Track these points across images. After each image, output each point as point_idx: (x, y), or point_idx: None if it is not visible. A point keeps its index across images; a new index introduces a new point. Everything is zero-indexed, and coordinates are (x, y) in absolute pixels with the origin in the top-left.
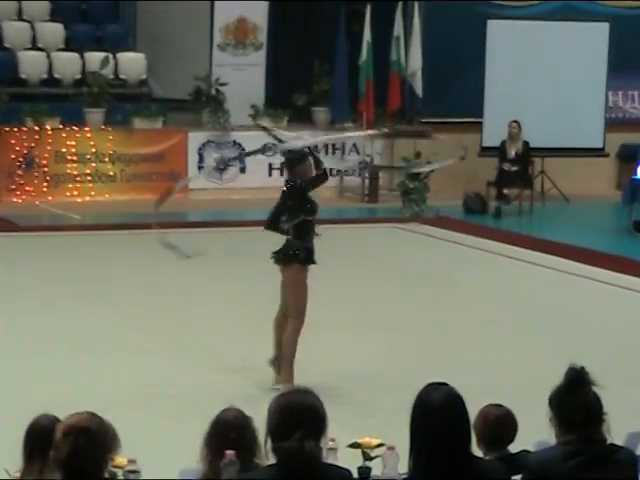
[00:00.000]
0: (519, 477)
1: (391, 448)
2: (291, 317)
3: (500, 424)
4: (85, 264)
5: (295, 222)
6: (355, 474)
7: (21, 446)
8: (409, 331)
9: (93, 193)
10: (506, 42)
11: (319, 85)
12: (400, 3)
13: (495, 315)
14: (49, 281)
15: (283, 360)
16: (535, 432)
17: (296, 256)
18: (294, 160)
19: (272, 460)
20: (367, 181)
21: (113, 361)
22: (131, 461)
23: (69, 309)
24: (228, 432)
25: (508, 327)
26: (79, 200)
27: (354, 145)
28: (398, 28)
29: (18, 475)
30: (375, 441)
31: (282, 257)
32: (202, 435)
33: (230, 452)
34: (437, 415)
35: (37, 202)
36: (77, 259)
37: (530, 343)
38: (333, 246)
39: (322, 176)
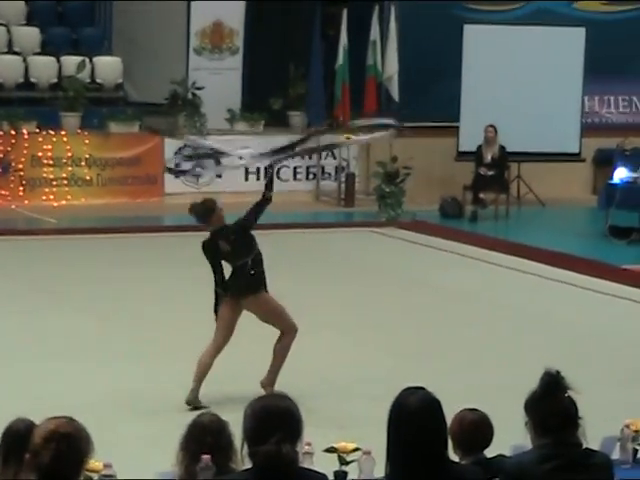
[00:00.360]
0: None
1: (367, 453)
2: (287, 333)
3: (476, 428)
4: (61, 268)
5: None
6: (331, 478)
7: None
8: (385, 334)
9: (69, 197)
10: (482, 47)
11: (295, 89)
12: (377, 6)
13: (471, 318)
14: (25, 285)
15: (274, 366)
16: (511, 436)
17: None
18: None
19: (248, 464)
20: (343, 185)
21: (90, 365)
22: (107, 465)
23: (45, 313)
24: (204, 436)
25: (484, 330)
26: (55, 204)
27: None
28: (374, 32)
29: None
30: (351, 445)
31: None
32: (178, 439)
33: (206, 456)
34: (414, 419)
35: (13, 206)
36: (53, 263)
37: (506, 347)
38: (309, 250)
39: (263, 201)
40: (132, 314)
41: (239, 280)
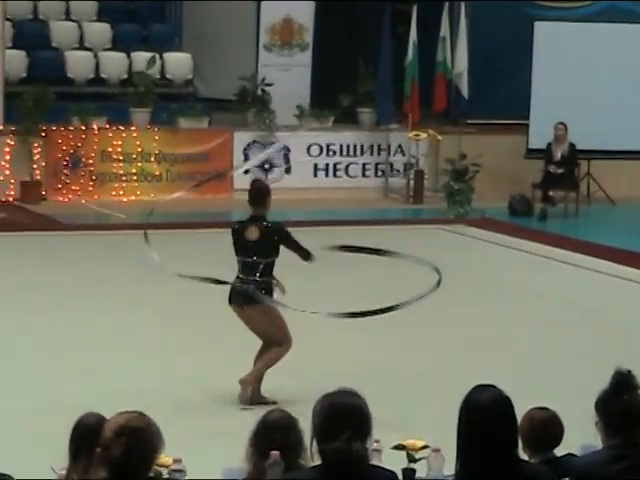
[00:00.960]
0: None
1: (436, 450)
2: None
3: (546, 427)
4: (129, 264)
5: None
6: (400, 476)
7: (67, 444)
8: (453, 331)
9: (138, 192)
10: (552, 44)
11: (364, 85)
12: (447, 4)
13: (539, 317)
14: (92, 280)
15: (260, 366)
16: (581, 435)
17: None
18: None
19: (317, 461)
20: (412, 182)
21: (147, 359)
22: (176, 460)
23: (110, 308)
24: (273, 433)
25: (553, 329)
26: (124, 199)
27: (400, 146)
28: (444, 29)
29: (64, 473)
30: (420, 443)
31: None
32: (238, 433)
33: (275, 453)
34: (485, 417)
35: (83, 201)
36: (122, 258)
37: (575, 346)
38: (377, 247)
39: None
40: (198, 312)
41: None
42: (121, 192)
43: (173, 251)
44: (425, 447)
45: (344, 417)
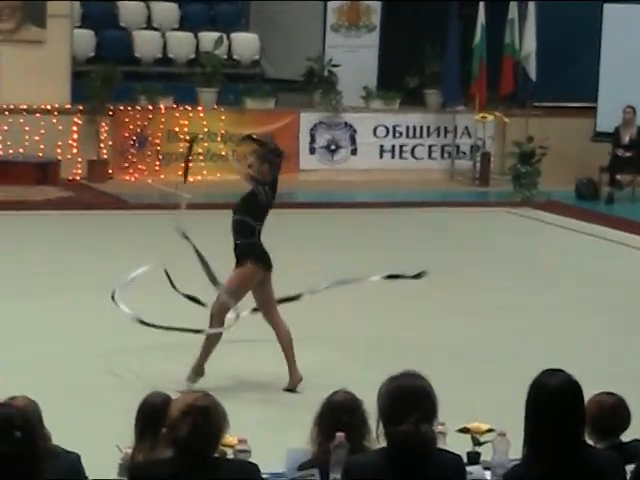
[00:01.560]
0: (632, 467)
1: (502, 434)
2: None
3: (614, 412)
4: (195, 243)
5: None
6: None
7: (133, 423)
8: (519, 315)
9: (204, 172)
10: (622, 26)
11: (431, 67)
12: None
13: (607, 302)
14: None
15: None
16: None
17: None
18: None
19: (382, 443)
20: (478, 164)
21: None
22: (241, 440)
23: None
24: (339, 414)
25: (620, 315)
26: (191, 179)
27: (466, 128)
28: (512, 11)
29: (129, 452)
30: (485, 426)
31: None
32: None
33: (340, 434)
34: (554, 401)
35: (149, 180)
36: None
37: None
38: (443, 229)
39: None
40: None
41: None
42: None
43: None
44: (490, 430)
45: (411, 400)
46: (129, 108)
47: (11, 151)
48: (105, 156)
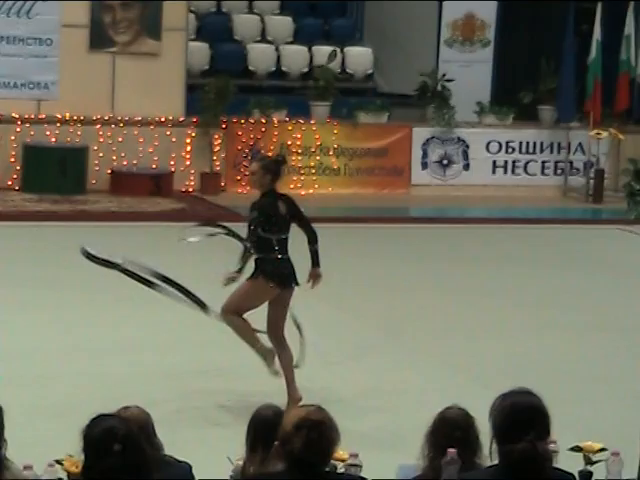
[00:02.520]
0: None
1: (616, 454)
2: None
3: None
4: (306, 256)
5: None
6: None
7: (244, 435)
8: (627, 336)
9: (317, 186)
10: None
11: (545, 83)
12: (632, 2)
13: None
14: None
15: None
16: None
17: None
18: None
19: (494, 461)
20: (592, 181)
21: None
22: (353, 455)
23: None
24: (453, 430)
25: None
26: (302, 193)
27: (580, 145)
28: (629, 27)
29: (240, 463)
30: (597, 445)
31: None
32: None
33: (452, 450)
34: None
35: None
36: (299, 250)
37: None
38: (555, 246)
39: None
40: (381, 305)
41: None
42: (299, 185)
43: (346, 244)
44: (603, 450)
45: (526, 417)
46: (242, 121)
47: (125, 163)
48: (218, 169)
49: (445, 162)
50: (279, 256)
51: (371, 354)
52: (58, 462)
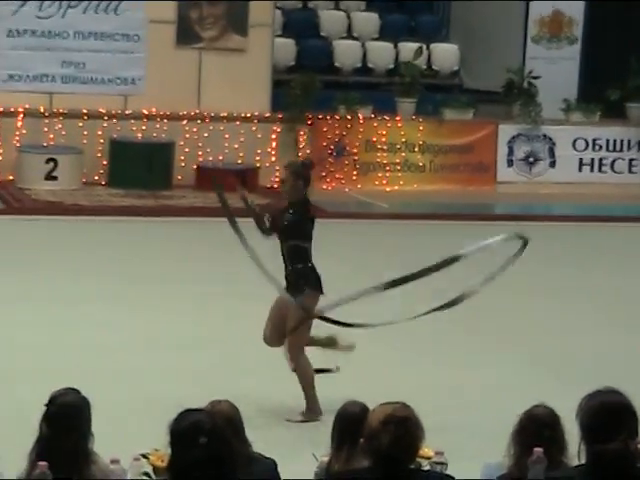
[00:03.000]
0: None
1: None
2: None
3: None
4: (392, 253)
5: None
6: None
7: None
8: None
9: (401, 182)
10: None
11: (634, 81)
12: None
13: None
14: (359, 269)
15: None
16: None
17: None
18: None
19: (582, 460)
20: None
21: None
22: (438, 452)
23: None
24: (541, 429)
25: None
26: (387, 189)
27: None
28: None
29: (325, 460)
30: None
31: None
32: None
33: (538, 449)
34: None
35: (346, 189)
36: (385, 247)
37: None
38: None
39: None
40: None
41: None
42: (384, 182)
43: (430, 241)
44: None
45: (617, 417)
46: (328, 117)
47: (211, 158)
48: None
49: (531, 159)
50: (310, 264)
51: (455, 351)
52: (144, 456)
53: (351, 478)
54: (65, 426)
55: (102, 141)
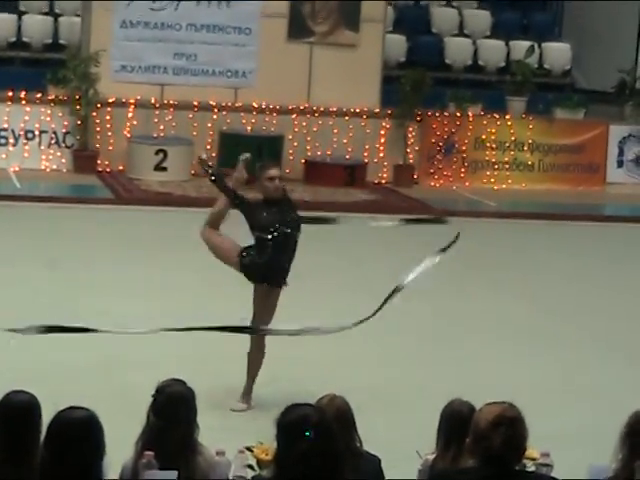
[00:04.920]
0: None
1: None
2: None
3: None
4: (499, 251)
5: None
6: None
7: (436, 430)
8: None
9: (510, 181)
10: None
11: None
12: None
13: None
14: (465, 266)
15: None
16: None
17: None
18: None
19: None
20: None
21: (528, 351)
22: (544, 454)
23: (480, 295)
24: None
25: None
26: (495, 187)
27: None
28: None
29: (429, 458)
30: None
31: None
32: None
33: None
34: None
35: (454, 187)
36: (493, 246)
37: None
38: None
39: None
40: (576, 304)
41: None
42: (492, 180)
43: (538, 240)
44: None
45: None
46: (437, 114)
47: (319, 153)
48: (411, 161)
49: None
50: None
51: (563, 349)
52: (248, 449)
53: (457, 477)
54: (172, 416)
55: (212, 133)
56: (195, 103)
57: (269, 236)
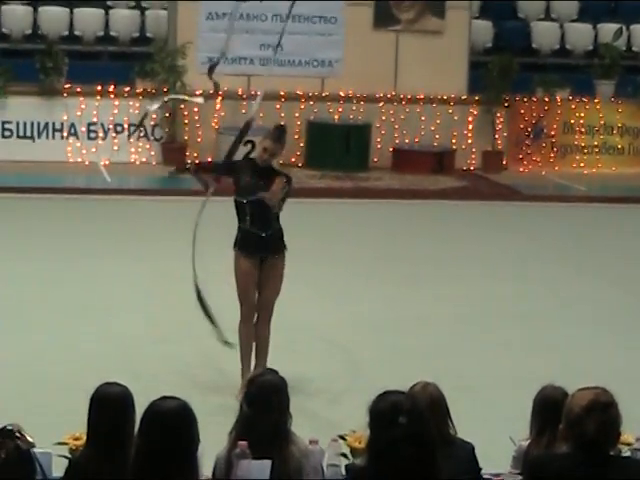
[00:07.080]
0: None
1: None
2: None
3: None
4: (590, 236)
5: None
6: None
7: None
8: None
9: (600, 165)
10: None
11: None
12: None
13: None
14: (557, 251)
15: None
16: None
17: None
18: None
19: None
20: None
21: (623, 336)
22: (639, 439)
23: (574, 280)
24: None
25: None
26: (585, 172)
27: None
28: None
29: (523, 444)
30: None
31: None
32: None
33: None
34: None
35: (543, 172)
36: (583, 230)
37: None
38: None
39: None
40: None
41: None
42: (582, 164)
43: (628, 224)
44: None
45: None
46: (525, 99)
47: (407, 140)
48: (500, 147)
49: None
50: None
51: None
52: (342, 437)
53: (552, 461)
54: (265, 406)
55: (299, 123)
56: (282, 93)
57: (244, 200)
